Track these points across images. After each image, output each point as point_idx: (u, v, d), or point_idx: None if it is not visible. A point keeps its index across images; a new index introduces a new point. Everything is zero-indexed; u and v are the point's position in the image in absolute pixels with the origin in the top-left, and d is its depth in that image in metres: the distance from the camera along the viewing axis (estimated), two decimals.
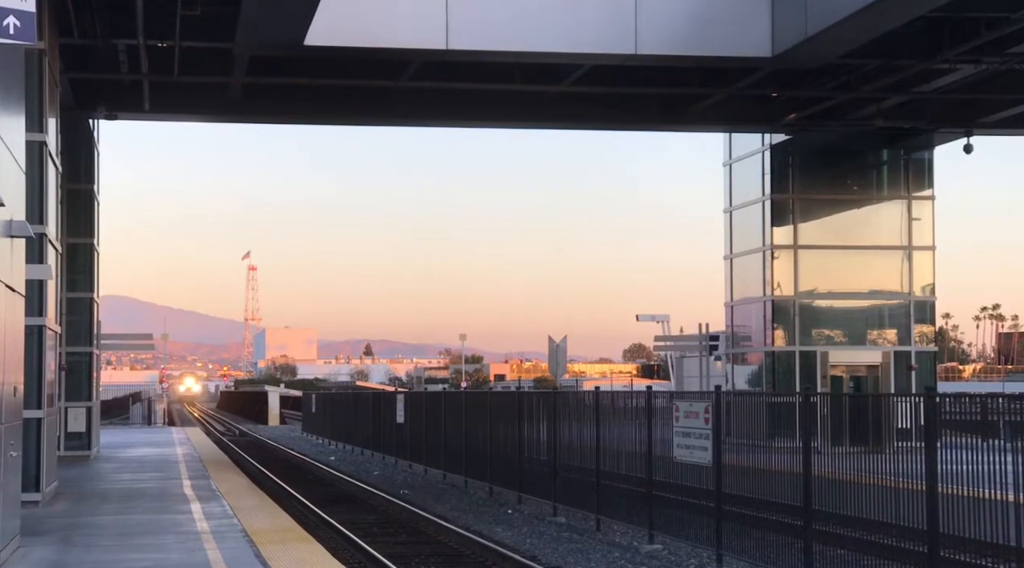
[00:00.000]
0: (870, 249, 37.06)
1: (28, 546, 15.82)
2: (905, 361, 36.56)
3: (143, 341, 47.78)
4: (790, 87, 31.89)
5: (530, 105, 33.21)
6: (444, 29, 26.27)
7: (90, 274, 34.79)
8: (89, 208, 34.85)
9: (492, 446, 27.62)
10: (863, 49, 27.47)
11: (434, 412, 33.69)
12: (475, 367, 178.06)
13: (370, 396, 47.49)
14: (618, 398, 21.55)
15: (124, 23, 26.00)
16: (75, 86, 30.84)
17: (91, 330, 34.74)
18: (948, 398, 14.37)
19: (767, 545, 15.76)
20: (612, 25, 26.75)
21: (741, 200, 38.58)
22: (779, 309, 36.73)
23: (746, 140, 38.31)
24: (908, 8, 24.29)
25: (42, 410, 21.53)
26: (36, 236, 19.17)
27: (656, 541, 18.59)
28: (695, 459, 17.32)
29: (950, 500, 12.83)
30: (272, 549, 15.48)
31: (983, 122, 34.63)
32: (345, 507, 25.28)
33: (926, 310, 37.52)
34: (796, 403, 16.57)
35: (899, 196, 37.31)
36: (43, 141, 21.93)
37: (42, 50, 21.50)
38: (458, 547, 19.30)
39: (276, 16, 24.05)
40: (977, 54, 28.34)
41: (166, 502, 21.53)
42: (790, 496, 15.31)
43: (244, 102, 32.34)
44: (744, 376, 38.45)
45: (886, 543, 13.87)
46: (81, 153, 34.22)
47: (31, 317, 19.55)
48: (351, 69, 30.04)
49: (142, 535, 16.93)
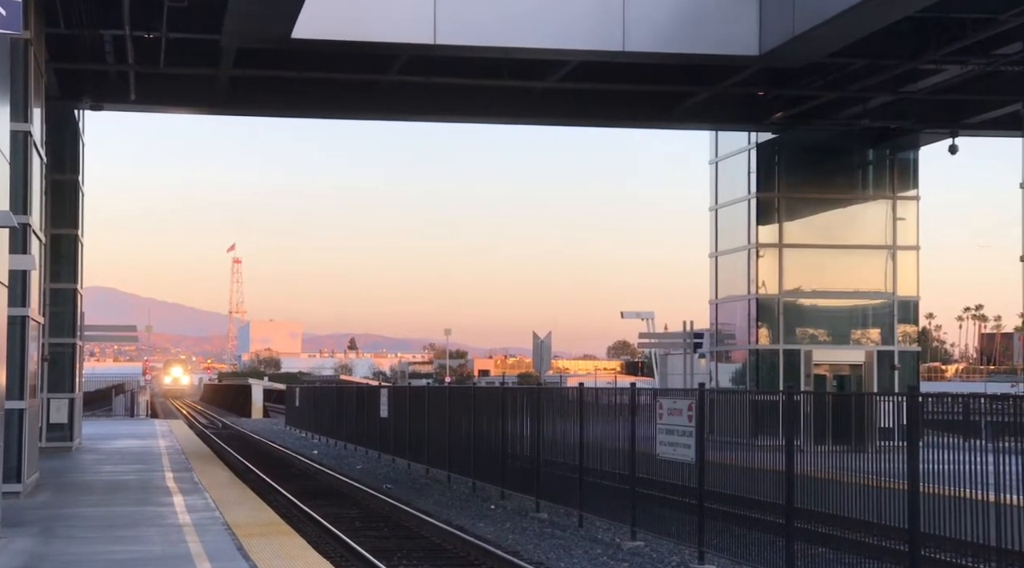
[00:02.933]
0: (855, 248, 37.15)
1: (9, 537, 15.77)
2: (888, 360, 36.67)
3: (127, 333, 47.70)
4: (777, 86, 31.95)
5: (517, 101, 33.22)
6: (432, 24, 26.25)
7: (74, 265, 34.70)
8: (73, 199, 34.75)
9: (476, 441, 27.62)
10: (850, 48, 27.53)
11: (418, 407, 33.67)
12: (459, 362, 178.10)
13: (354, 390, 47.44)
14: (602, 395, 21.55)
15: (110, 13, 25.92)
16: (61, 76, 30.73)
17: (74, 321, 34.66)
18: (930, 398, 14.42)
19: (749, 543, 15.79)
20: (600, 22, 26.76)
21: (727, 198, 38.64)
22: (763, 307, 36.80)
23: (732, 138, 38.37)
24: (895, 8, 24.35)
25: (24, 401, 21.45)
26: (20, 226, 19.09)
27: (638, 538, 18.62)
28: (678, 456, 17.33)
29: (931, 499, 12.87)
30: (254, 542, 15.46)
31: (968, 123, 34.75)
32: (328, 501, 25.25)
33: (909, 310, 37.63)
34: (779, 401, 16.59)
35: (884, 196, 37.42)
36: (28, 131, 21.84)
37: (28, 40, 21.40)
38: (440, 542, 19.29)
39: (264, 9, 24.00)
40: (963, 55, 28.43)
41: (148, 494, 21.47)
42: (773, 494, 15.33)
43: (231, 94, 32.27)
44: (728, 374, 38.52)
45: (868, 542, 13.91)
46: (66, 143, 34.11)
47: (14, 307, 19.50)
48: (338, 62, 30.00)
49: (124, 527, 16.88)
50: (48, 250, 30.28)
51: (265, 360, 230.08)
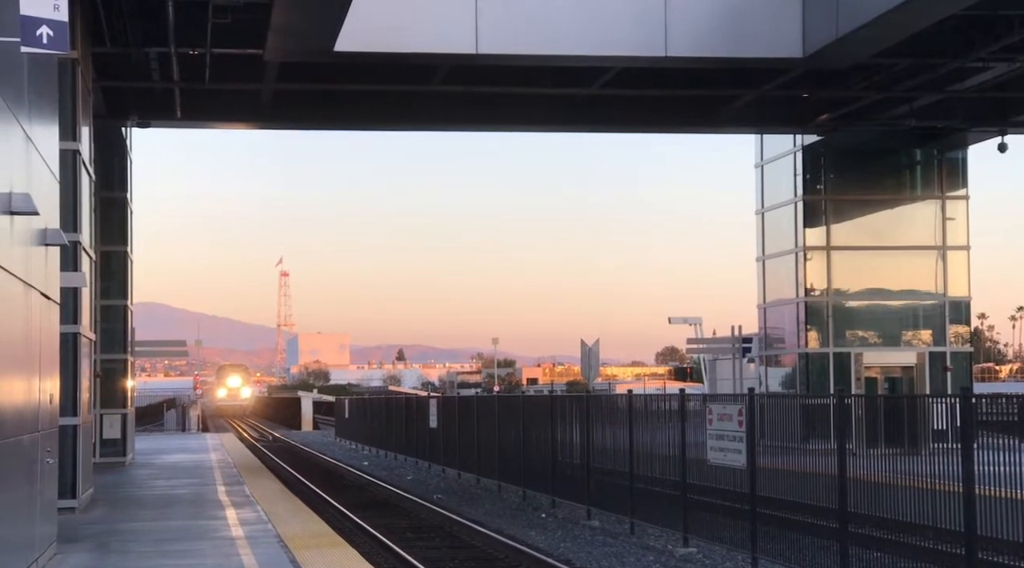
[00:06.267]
0: (904, 249, 36.84)
1: (65, 552, 15.91)
2: (940, 362, 36.32)
3: (177, 348, 48.04)
4: (821, 87, 31.74)
5: (560, 108, 33.20)
6: (474, 33, 26.29)
7: (123, 281, 35.00)
8: (122, 216, 35.08)
9: (525, 450, 27.59)
10: (894, 48, 27.31)
11: (467, 416, 33.68)
12: (507, 371, 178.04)
13: (403, 401, 47.54)
14: (651, 401, 21.47)
15: (155, 31, 26.17)
16: (107, 94, 31.05)
17: (125, 337, 34.96)
18: (984, 399, 14.25)
19: (802, 548, 15.67)
20: (641, 27, 26.69)
21: (773, 201, 38.43)
22: (812, 310, 36.56)
23: (777, 141, 38.16)
24: (940, 6, 24.13)
25: (78, 417, 21.66)
26: (70, 244, 19.29)
27: (691, 544, 18.52)
28: (729, 462, 17.24)
29: (987, 502, 12.72)
30: (306, 554, 15.51)
31: (1017, 120, 34.36)
32: (379, 512, 25.30)
33: (961, 310, 37.26)
34: (830, 405, 16.47)
35: (933, 196, 37.09)
36: (76, 149, 22.07)
37: (75, 59, 21.66)
38: (492, 551, 19.27)
39: (307, 24, 24.13)
40: (1010, 52, 28.14)
41: (201, 508, 21.60)
42: (825, 498, 15.21)
43: (275, 108, 32.48)
44: (777, 378, 38.28)
45: (923, 545, 13.76)
46: (114, 161, 34.45)
47: (66, 325, 19.68)
48: (380, 74, 30.11)
49: (177, 541, 16.99)
50: (98, 267, 30.58)
51: (314, 372, 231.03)
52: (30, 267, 13.71)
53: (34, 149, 14.25)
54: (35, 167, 14.43)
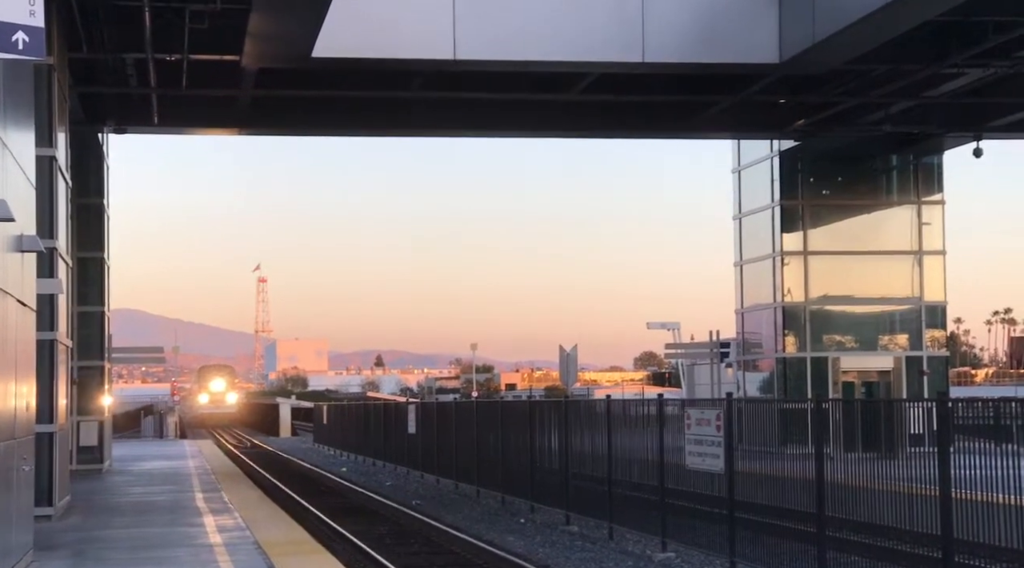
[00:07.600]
0: (880, 254, 37.01)
1: (41, 560, 15.82)
2: (917, 366, 36.49)
3: (154, 354, 47.84)
4: (798, 93, 31.87)
5: (539, 114, 33.24)
6: (451, 39, 26.30)
7: (100, 288, 34.84)
8: (99, 222, 34.89)
9: (504, 455, 27.59)
10: (871, 54, 27.44)
11: (445, 422, 33.67)
12: (486, 376, 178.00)
13: (381, 407, 47.48)
14: (629, 406, 21.50)
15: (132, 37, 26.09)
16: (84, 100, 30.93)
17: (102, 343, 34.79)
18: (961, 403, 14.34)
19: (781, 552, 15.72)
20: (619, 34, 26.75)
21: (750, 207, 38.56)
22: (790, 315, 36.68)
23: (755, 146, 38.30)
24: (915, 13, 24.26)
25: (54, 424, 21.54)
26: (46, 250, 19.20)
27: (669, 549, 18.56)
28: (707, 466, 17.28)
29: (964, 505, 12.79)
30: (285, 561, 15.47)
31: (993, 126, 34.57)
32: (358, 518, 25.26)
33: (937, 315, 37.44)
34: (808, 409, 16.53)
35: (909, 201, 37.29)
36: (52, 156, 21.98)
37: (51, 65, 21.56)
38: (471, 557, 19.27)
39: (284, 29, 24.10)
40: (985, 58, 28.31)
41: (179, 515, 21.52)
42: (803, 503, 15.27)
43: (253, 114, 32.41)
44: (755, 383, 38.39)
45: (900, 549, 13.83)
46: (91, 166, 34.26)
47: (42, 331, 19.58)
48: (359, 80, 30.09)
49: (155, 548, 16.92)
50: (75, 273, 30.42)
51: (292, 378, 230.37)
52: (6, 273, 13.66)
53: (10, 155, 14.20)
54: (10, 173, 14.38)
